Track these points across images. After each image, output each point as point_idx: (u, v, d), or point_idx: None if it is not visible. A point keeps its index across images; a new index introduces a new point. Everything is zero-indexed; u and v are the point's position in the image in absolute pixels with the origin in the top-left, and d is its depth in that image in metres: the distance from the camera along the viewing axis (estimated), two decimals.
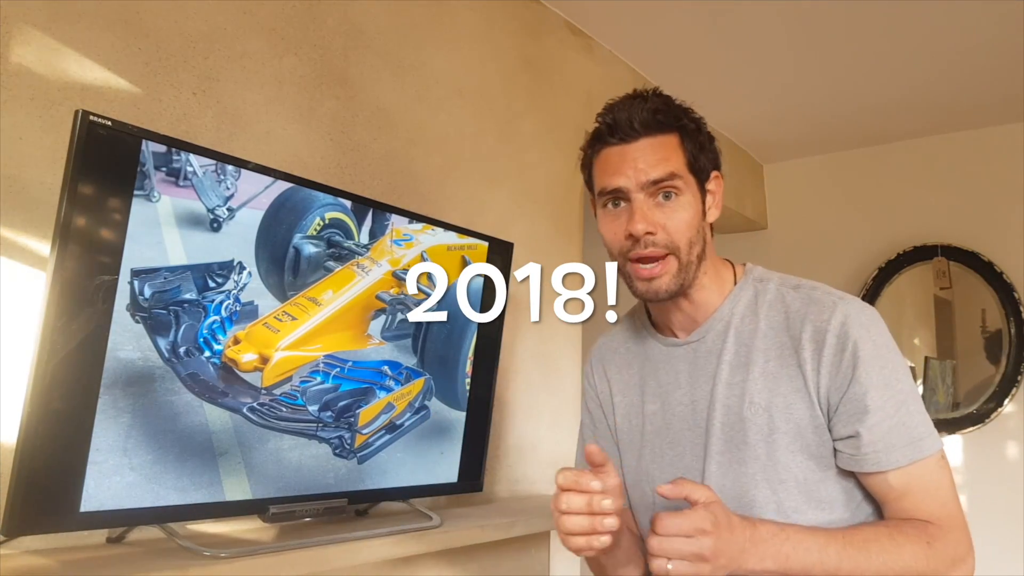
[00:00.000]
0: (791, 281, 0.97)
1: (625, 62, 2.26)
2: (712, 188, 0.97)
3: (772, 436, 0.91)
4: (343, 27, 1.40)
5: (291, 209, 1.05)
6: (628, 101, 0.95)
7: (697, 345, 0.98)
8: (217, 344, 0.96)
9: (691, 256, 0.92)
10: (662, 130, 0.93)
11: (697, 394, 0.97)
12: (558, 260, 1.93)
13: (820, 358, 0.90)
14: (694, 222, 0.92)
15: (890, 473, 0.89)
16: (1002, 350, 2.61)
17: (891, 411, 0.90)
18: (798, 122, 2.77)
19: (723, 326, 0.97)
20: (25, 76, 0.97)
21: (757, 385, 0.93)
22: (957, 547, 0.88)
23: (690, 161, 0.93)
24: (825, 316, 0.91)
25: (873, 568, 0.84)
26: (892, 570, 0.84)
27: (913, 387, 0.93)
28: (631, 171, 0.92)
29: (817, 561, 0.84)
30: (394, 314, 1.19)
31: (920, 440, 0.89)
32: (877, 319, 0.93)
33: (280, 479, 1.04)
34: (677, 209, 0.91)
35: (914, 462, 0.89)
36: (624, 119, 0.93)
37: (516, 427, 1.72)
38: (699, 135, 0.95)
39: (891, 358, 0.92)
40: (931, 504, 0.89)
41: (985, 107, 2.58)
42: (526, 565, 1.66)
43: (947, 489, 0.90)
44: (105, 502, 0.86)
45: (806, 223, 3.09)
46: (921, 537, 0.87)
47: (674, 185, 0.91)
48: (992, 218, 2.69)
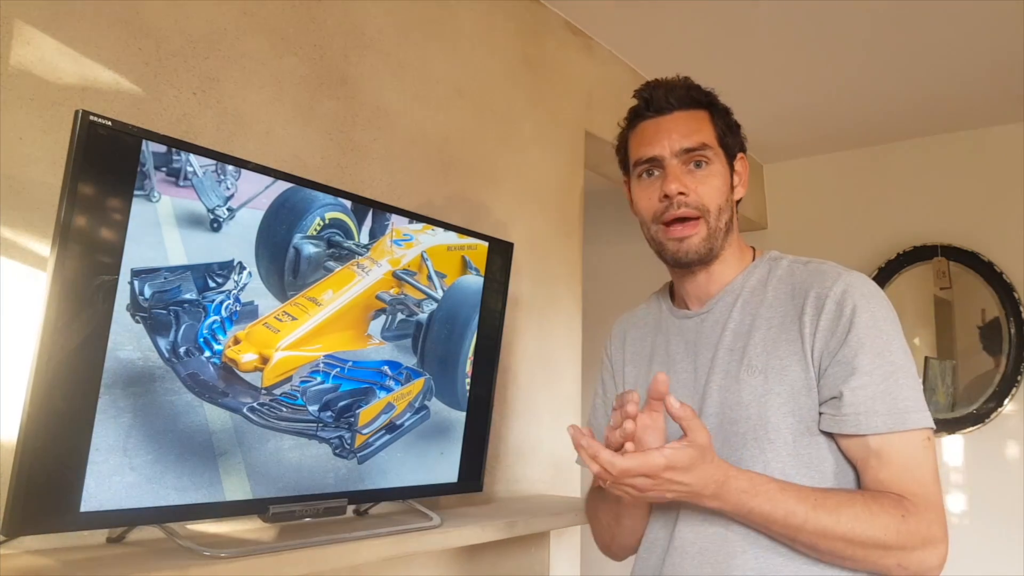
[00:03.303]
0: (803, 259, 1.02)
1: (625, 62, 2.26)
2: (739, 168, 1.05)
3: (765, 397, 0.93)
4: (343, 27, 1.40)
5: (291, 209, 1.05)
6: (663, 81, 1.04)
7: (706, 316, 1.03)
8: (217, 344, 0.96)
9: (720, 223, 1.00)
10: (695, 105, 1.02)
11: (699, 361, 1.01)
12: (558, 260, 1.94)
13: (818, 321, 0.93)
14: (723, 190, 1.00)
15: (870, 438, 0.88)
16: (1001, 348, 2.61)
17: (879, 378, 0.89)
18: (798, 122, 2.77)
19: (733, 298, 1.02)
20: (25, 76, 0.97)
21: (757, 349, 0.96)
22: (931, 527, 0.86)
23: (720, 136, 1.01)
24: (828, 284, 0.94)
25: (840, 532, 0.84)
26: (859, 537, 0.84)
27: (909, 363, 0.91)
28: (666, 140, 0.99)
29: (781, 518, 0.85)
30: (394, 314, 1.19)
31: (906, 412, 0.88)
32: (880, 294, 0.95)
33: (280, 479, 1.04)
34: (708, 176, 0.99)
35: (895, 431, 0.87)
36: (660, 94, 1.02)
37: (516, 427, 1.72)
38: (728, 116, 1.04)
39: (887, 329, 0.91)
40: (909, 481, 0.87)
41: (985, 107, 2.58)
42: (526, 565, 1.66)
43: (928, 469, 0.88)
44: (105, 502, 0.86)
45: (806, 223, 3.09)
46: (896, 510, 0.85)
47: (705, 155, 0.99)
48: (992, 218, 2.69)
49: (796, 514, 0.85)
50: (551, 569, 1.70)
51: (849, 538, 0.84)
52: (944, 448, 2.70)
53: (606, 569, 1.65)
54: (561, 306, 1.93)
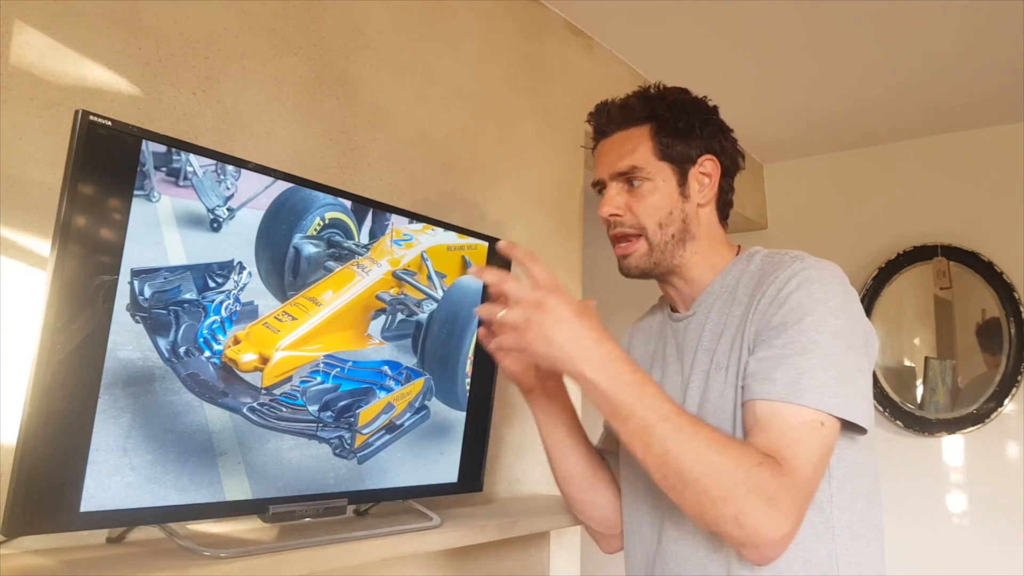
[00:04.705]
0: (776, 252, 1.01)
1: (625, 62, 2.26)
2: (706, 171, 1.04)
3: (725, 393, 0.94)
4: (343, 27, 1.40)
5: (291, 209, 1.05)
6: (606, 102, 1.07)
7: (691, 319, 1.05)
8: (217, 344, 0.96)
9: (663, 237, 1.02)
10: (633, 123, 1.04)
11: (683, 363, 1.03)
12: (558, 260, 1.94)
13: (758, 305, 0.93)
14: (662, 205, 1.01)
15: (758, 403, 0.85)
16: (1001, 348, 2.61)
17: (790, 352, 0.85)
18: (798, 122, 2.77)
19: (712, 299, 1.03)
20: (25, 76, 0.97)
21: (724, 347, 0.96)
22: (782, 496, 0.79)
23: (661, 149, 1.02)
24: (780, 271, 0.94)
25: (694, 444, 0.79)
26: (708, 457, 0.79)
27: (839, 349, 0.85)
28: (605, 164, 1.05)
29: (649, 403, 0.81)
30: (394, 314, 1.19)
31: (805, 389, 0.83)
32: (832, 280, 0.91)
33: (280, 479, 1.04)
34: (644, 195, 1.02)
35: (785, 401, 0.83)
36: (603, 118, 1.07)
37: (516, 427, 1.72)
38: (677, 123, 1.02)
39: (820, 310, 0.87)
40: (782, 448, 0.82)
41: (985, 107, 2.58)
42: (526, 565, 1.66)
43: (807, 449, 0.82)
44: (105, 502, 0.85)
45: (806, 223, 3.09)
46: (755, 456, 0.80)
47: (635, 175, 1.02)
48: (992, 218, 2.69)
49: (660, 409, 0.81)
50: (551, 569, 1.70)
51: (699, 455, 0.79)
52: (944, 448, 2.70)
53: (606, 569, 1.64)
54: None
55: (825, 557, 0.90)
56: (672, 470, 0.80)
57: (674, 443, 0.80)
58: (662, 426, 0.80)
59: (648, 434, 0.81)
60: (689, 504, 0.81)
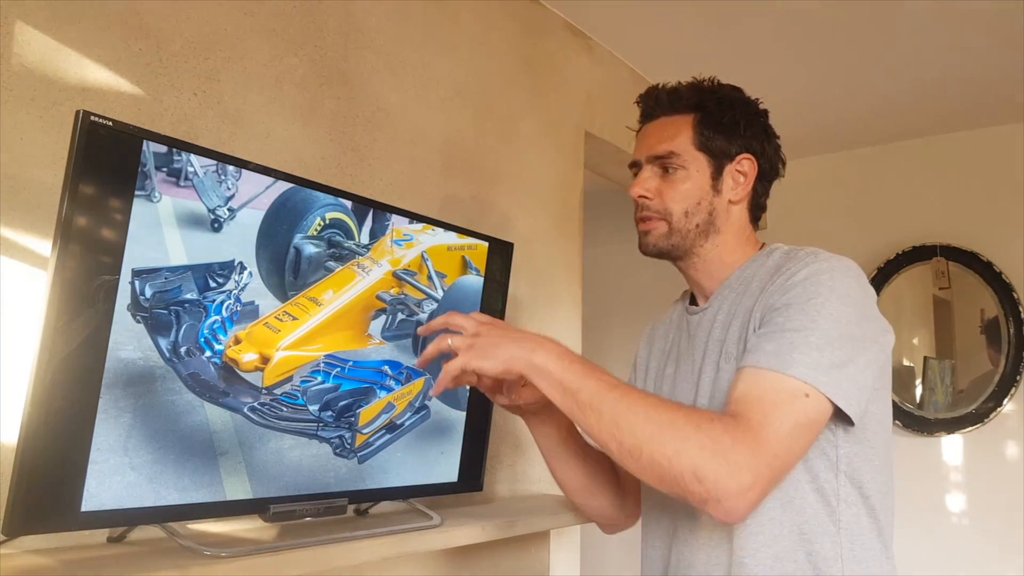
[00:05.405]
0: (795, 248, 1.03)
1: (625, 62, 2.26)
2: (743, 169, 1.05)
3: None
4: (343, 27, 1.41)
5: (292, 209, 1.05)
6: (656, 87, 1.09)
7: (705, 311, 1.06)
8: (218, 344, 0.97)
9: (687, 224, 1.03)
10: (679, 110, 1.05)
11: (696, 355, 1.04)
12: (558, 260, 1.94)
13: (767, 291, 0.94)
14: (692, 194, 1.03)
15: (745, 369, 0.86)
16: (1000, 348, 2.61)
17: (787, 328, 0.85)
18: (798, 122, 2.77)
19: (728, 292, 1.04)
20: (25, 76, 0.97)
21: (733, 336, 0.97)
22: (736, 446, 0.78)
23: (702, 140, 1.03)
24: (792, 264, 0.95)
25: (643, 405, 0.82)
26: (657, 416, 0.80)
27: (839, 333, 0.85)
28: (644, 146, 1.06)
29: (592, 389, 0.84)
30: (394, 314, 1.19)
31: (794, 361, 0.82)
32: (842, 270, 0.91)
33: (281, 479, 1.04)
34: (676, 182, 1.03)
35: (771, 369, 0.83)
36: (650, 101, 1.08)
37: (516, 427, 1.72)
38: (722, 117, 1.04)
39: (825, 295, 0.87)
40: (752, 403, 0.81)
41: (985, 107, 2.58)
42: (526, 565, 1.66)
43: (780, 413, 0.81)
44: (106, 502, 0.86)
45: (806, 223, 3.09)
46: (706, 414, 0.82)
47: (671, 162, 1.03)
48: (991, 218, 2.69)
49: (609, 381, 0.85)
50: (551, 569, 1.70)
51: (649, 414, 0.80)
52: (944, 448, 2.70)
53: (606, 569, 1.65)
54: (561, 306, 1.94)
55: (830, 550, 0.90)
56: (626, 433, 0.81)
57: (625, 405, 0.82)
58: (612, 392, 0.84)
59: (599, 401, 0.83)
60: (648, 470, 0.81)
